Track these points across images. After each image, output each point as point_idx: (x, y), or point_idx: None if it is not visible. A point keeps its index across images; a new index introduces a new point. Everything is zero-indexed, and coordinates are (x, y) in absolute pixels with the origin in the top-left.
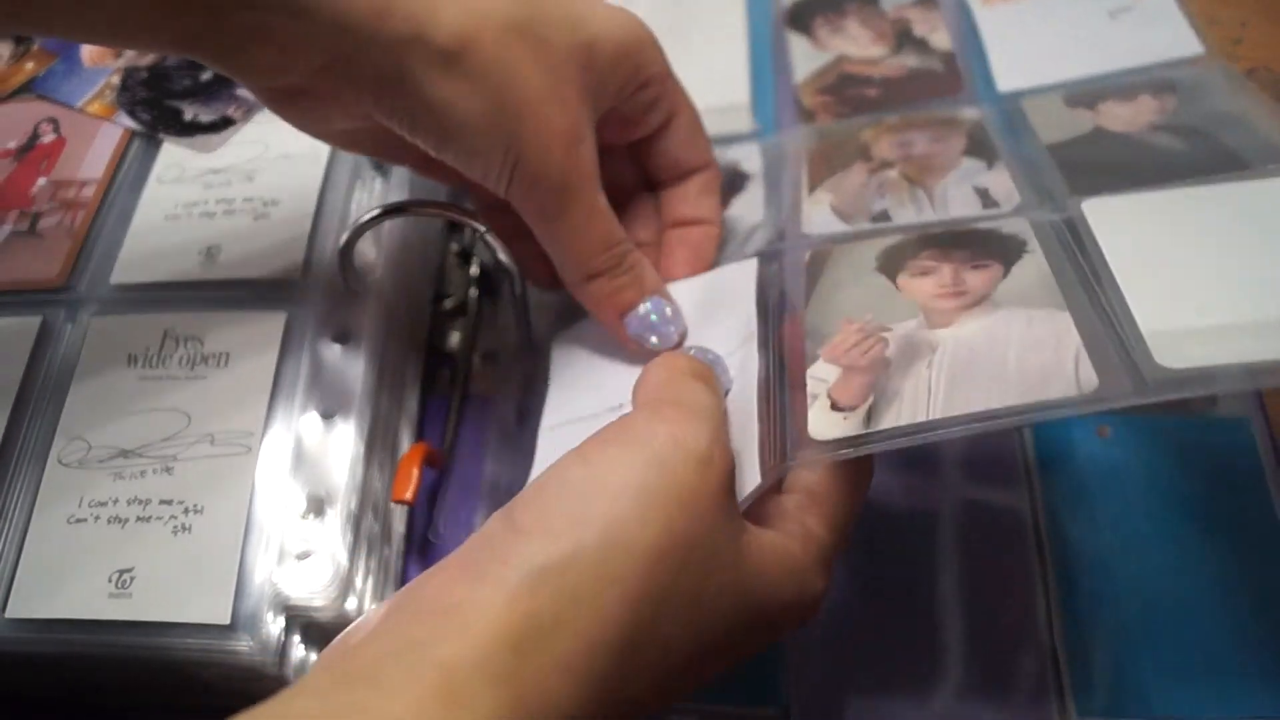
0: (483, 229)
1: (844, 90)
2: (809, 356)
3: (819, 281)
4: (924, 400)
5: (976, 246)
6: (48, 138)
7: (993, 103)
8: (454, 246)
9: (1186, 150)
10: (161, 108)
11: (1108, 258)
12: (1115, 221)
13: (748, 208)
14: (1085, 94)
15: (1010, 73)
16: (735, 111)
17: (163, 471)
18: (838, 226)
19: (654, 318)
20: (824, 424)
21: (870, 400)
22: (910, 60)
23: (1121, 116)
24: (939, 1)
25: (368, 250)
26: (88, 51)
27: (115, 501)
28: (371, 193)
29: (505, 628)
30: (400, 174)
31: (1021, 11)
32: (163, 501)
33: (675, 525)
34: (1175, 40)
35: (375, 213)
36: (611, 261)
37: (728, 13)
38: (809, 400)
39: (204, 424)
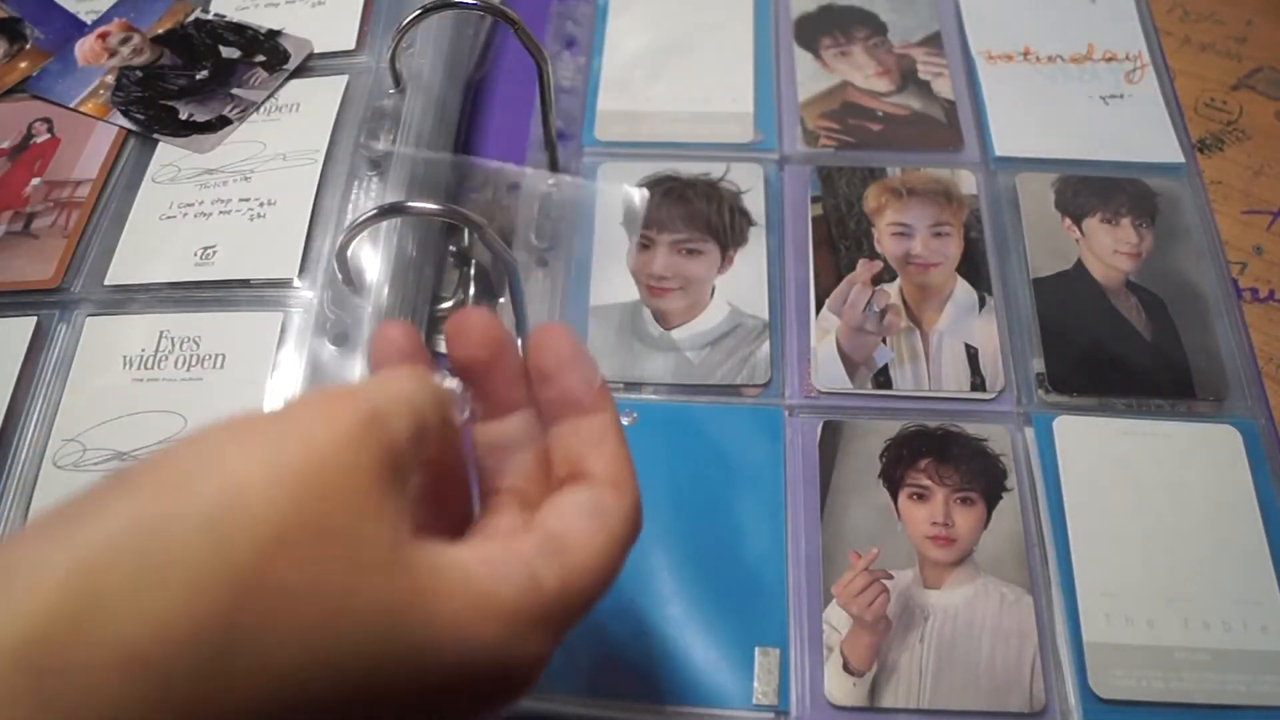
0: (481, 230)
1: (847, 119)
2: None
3: (831, 479)
4: (915, 683)
5: (964, 471)
6: (41, 138)
7: (989, 169)
8: (451, 247)
9: (1146, 347)
10: (156, 107)
11: (1066, 509)
12: (1077, 447)
13: (750, 272)
14: (1074, 195)
15: (1007, 137)
16: (738, 120)
17: None
18: (844, 382)
19: None
20: (838, 688)
21: (874, 669)
22: (914, 102)
23: (1103, 251)
24: (945, 48)
25: (364, 251)
26: (82, 50)
27: None
28: (368, 193)
29: (56, 600)
30: (398, 174)
31: (1020, 74)
32: None
33: (308, 507)
34: (1161, 142)
35: (372, 213)
36: None
37: (738, 22)
38: (824, 652)
39: (200, 426)
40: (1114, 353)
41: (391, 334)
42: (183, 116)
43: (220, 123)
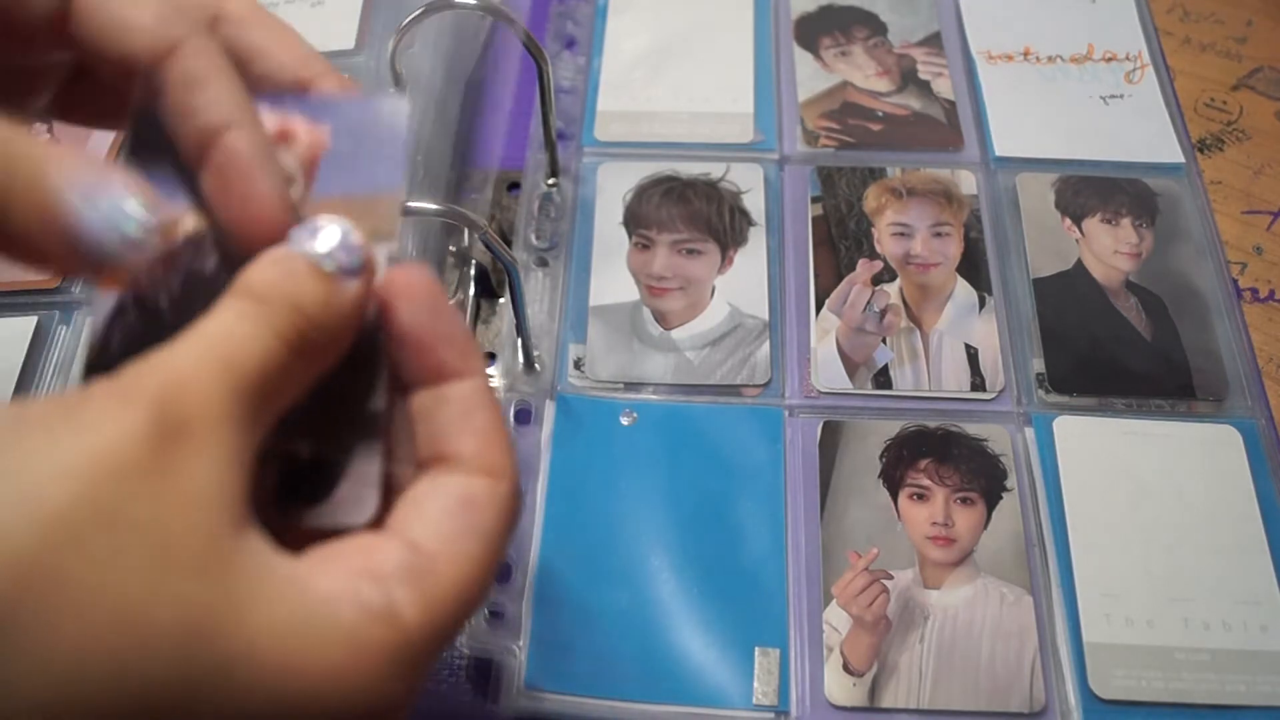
0: (481, 230)
1: (847, 119)
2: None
3: (831, 479)
4: (916, 683)
5: (964, 471)
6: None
7: (989, 169)
8: (451, 247)
9: (1146, 348)
10: None
11: (1066, 509)
12: (1077, 447)
13: (750, 272)
14: (1074, 195)
15: (1007, 137)
16: (738, 120)
17: None
18: (844, 382)
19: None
20: (839, 688)
21: (874, 669)
22: (914, 102)
23: (1103, 251)
24: (945, 48)
25: None
26: None
27: None
28: None
29: None
30: None
31: (1020, 74)
32: None
33: (101, 493)
34: (1161, 142)
35: None
36: None
37: (738, 22)
38: (824, 652)
39: None
40: (1114, 353)
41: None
42: None
43: None
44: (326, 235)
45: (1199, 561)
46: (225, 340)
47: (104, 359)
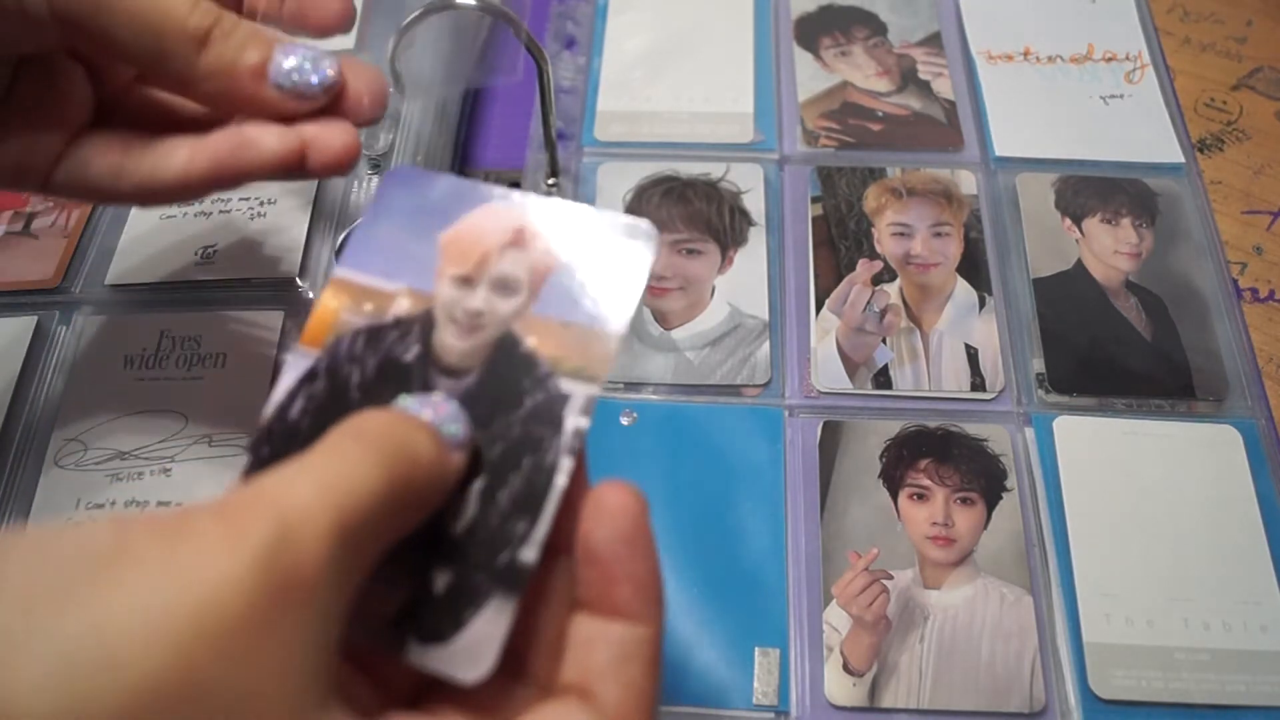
0: None
1: (847, 119)
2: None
3: (831, 479)
4: (916, 683)
5: (964, 471)
6: None
7: (989, 169)
8: None
9: (1146, 348)
10: None
11: (1066, 509)
12: (1077, 447)
13: (750, 272)
14: (1074, 195)
15: (1007, 137)
16: (738, 120)
17: (160, 473)
18: (844, 382)
19: (292, 62)
20: (839, 688)
21: (874, 669)
22: (914, 102)
23: (1103, 251)
24: (945, 48)
25: None
26: None
27: (113, 503)
28: (368, 193)
29: None
30: None
31: (1020, 74)
32: (160, 503)
33: (191, 662)
34: (1161, 142)
35: None
36: (207, 18)
37: (738, 23)
38: (824, 652)
39: (201, 425)
40: (1114, 353)
41: None
42: None
43: None
44: (439, 403)
45: (1199, 561)
46: (343, 482)
47: (281, 422)
